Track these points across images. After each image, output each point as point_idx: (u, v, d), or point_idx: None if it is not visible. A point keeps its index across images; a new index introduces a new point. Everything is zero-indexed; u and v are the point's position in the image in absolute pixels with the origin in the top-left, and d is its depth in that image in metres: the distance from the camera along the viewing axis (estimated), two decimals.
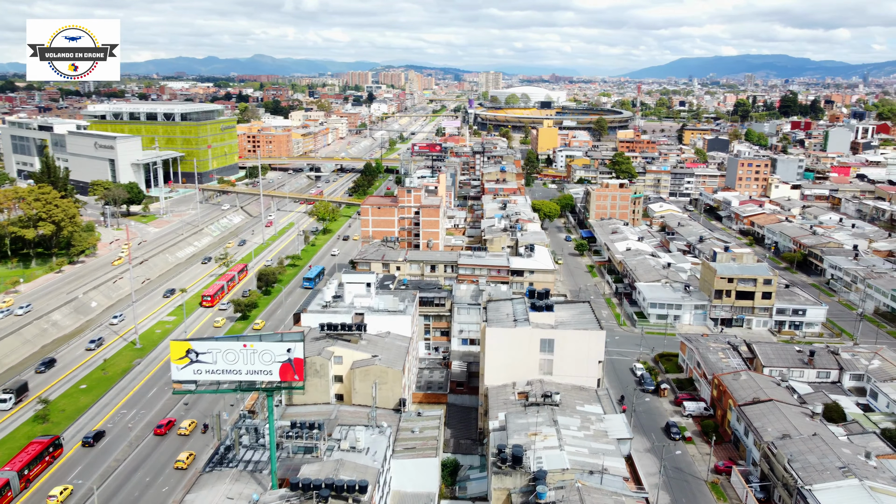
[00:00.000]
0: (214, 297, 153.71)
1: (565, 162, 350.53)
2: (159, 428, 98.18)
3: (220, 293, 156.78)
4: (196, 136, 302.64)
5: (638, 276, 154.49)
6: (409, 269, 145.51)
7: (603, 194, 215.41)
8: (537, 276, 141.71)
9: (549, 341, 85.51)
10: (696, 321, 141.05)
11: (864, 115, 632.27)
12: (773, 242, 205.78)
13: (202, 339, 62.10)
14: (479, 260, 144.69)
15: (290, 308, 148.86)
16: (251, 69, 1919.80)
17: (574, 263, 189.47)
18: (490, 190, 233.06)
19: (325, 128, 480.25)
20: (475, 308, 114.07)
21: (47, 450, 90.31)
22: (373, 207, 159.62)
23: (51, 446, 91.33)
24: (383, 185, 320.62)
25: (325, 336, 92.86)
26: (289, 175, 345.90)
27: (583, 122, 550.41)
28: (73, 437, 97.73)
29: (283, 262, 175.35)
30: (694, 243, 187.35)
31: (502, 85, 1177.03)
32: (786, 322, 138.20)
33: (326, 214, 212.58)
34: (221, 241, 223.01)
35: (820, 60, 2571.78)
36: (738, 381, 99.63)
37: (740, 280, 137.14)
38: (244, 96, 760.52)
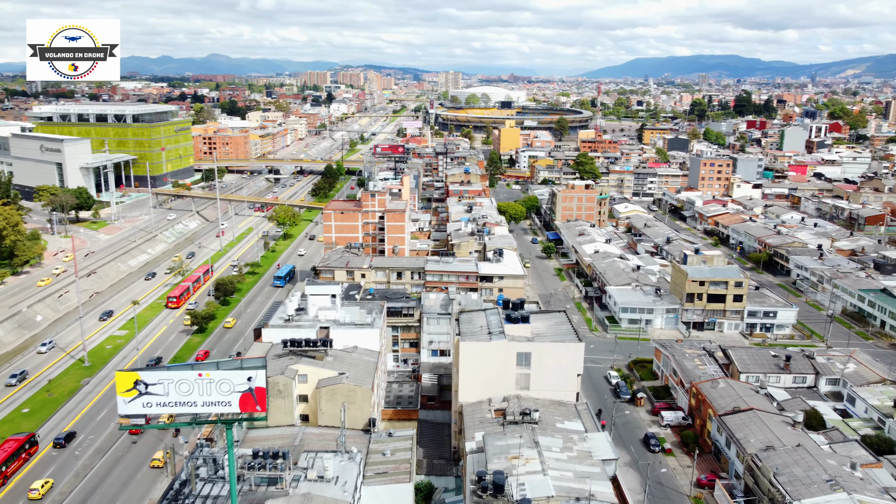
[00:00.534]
0: (180, 298, 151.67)
1: (528, 162, 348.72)
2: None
3: (186, 294, 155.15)
4: (149, 138, 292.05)
5: (608, 279, 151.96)
6: (375, 277, 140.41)
7: (569, 196, 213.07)
8: (507, 282, 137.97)
9: (526, 355, 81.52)
10: (668, 325, 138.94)
11: (815, 114, 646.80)
12: (738, 242, 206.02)
13: (151, 368, 56.18)
14: (447, 266, 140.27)
15: (251, 318, 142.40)
16: (206, 69, 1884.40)
17: (542, 267, 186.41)
18: (455, 192, 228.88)
19: (283, 129, 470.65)
20: (445, 318, 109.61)
21: (23, 447, 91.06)
22: (335, 212, 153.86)
23: (27, 443, 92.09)
24: (345, 186, 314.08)
25: (289, 353, 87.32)
26: (247, 178, 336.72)
27: (544, 122, 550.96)
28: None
29: (242, 269, 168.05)
30: (661, 245, 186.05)
31: (462, 85, 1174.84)
32: (757, 324, 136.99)
33: (287, 219, 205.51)
34: (177, 247, 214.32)
35: (770, 61, 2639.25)
36: (716, 390, 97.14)
37: (711, 283, 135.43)
38: (199, 97, 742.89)
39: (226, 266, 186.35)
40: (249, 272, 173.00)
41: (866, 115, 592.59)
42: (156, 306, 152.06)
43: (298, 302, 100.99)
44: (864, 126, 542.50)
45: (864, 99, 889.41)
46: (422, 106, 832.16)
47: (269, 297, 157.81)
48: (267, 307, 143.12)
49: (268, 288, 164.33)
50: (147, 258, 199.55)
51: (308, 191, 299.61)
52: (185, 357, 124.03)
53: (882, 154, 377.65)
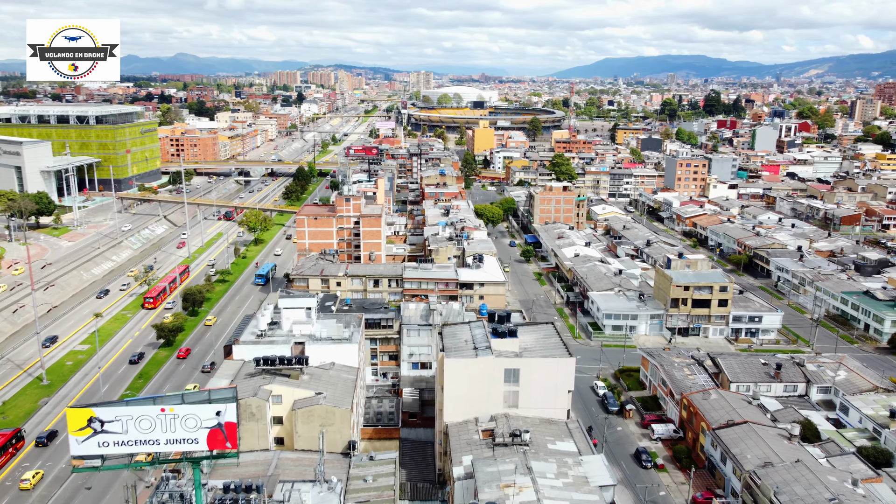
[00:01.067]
0: (157, 298, 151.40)
1: (503, 163, 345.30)
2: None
3: (163, 294, 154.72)
4: (113, 140, 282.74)
5: (590, 284, 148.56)
6: (351, 285, 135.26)
7: (547, 198, 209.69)
8: (488, 289, 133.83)
9: (515, 371, 77.24)
10: (653, 331, 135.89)
11: (783, 113, 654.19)
12: (717, 244, 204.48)
13: (108, 404, 50.57)
14: (426, 273, 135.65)
15: (221, 329, 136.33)
16: (174, 68, 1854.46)
17: (521, 271, 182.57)
18: (430, 195, 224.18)
19: (253, 129, 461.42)
20: (426, 329, 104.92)
21: (10, 441, 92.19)
22: (309, 218, 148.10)
23: (13, 438, 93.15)
24: (318, 189, 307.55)
25: (262, 372, 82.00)
26: (215, 180, 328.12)
27: (517, 121, 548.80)
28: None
29: (211, 277, 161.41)
30: (641, 247, 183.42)
31: (433, 85, 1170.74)
32: (742, 329, 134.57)
33: (257, 224, 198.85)
34: (143, 254, 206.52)
35: (736, 61, 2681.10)
36: (708, 401, 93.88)
37: (696, 288, 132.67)
38: (166, 97, 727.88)
39: (202, 266, 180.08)
40: (219, 280, 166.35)
41: (833, 114, 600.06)
42: (120, 318, 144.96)
43: (271, 315, 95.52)
44: (831, 125, 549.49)
45: (828, 98, 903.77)
46: (394, 106, 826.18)
47: (241, 305, 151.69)
48: (238, 318, 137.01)
49: (238, 297, 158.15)
50: (112, 266, 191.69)
51: (280, 193, 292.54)
52: (151, 373, 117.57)
53: (852, 153, 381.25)
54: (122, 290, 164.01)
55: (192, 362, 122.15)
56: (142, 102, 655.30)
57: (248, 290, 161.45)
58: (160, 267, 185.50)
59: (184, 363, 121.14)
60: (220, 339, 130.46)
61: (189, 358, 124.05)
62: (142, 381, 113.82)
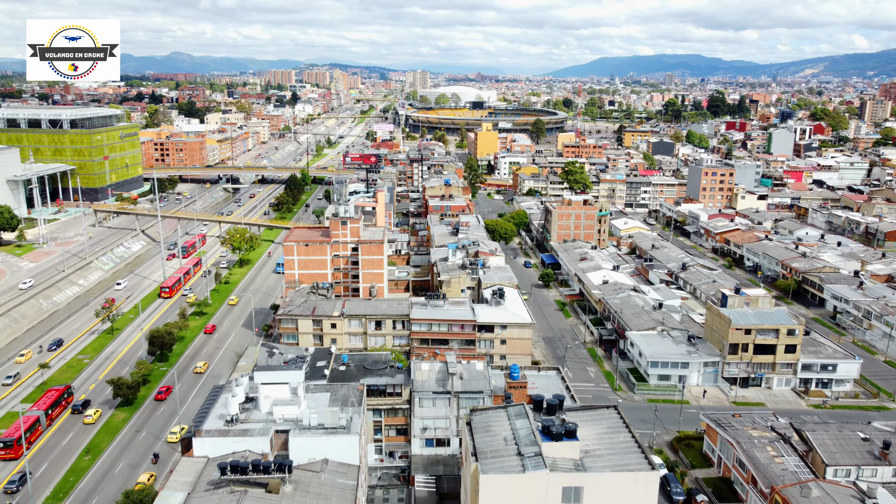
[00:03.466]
0: (173, 288, 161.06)
1: (510, 169, 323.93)
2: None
3: (178, 285, 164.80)
4: (89, 145, 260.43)
5: (626, 320, 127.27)
6: (349, 327, 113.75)
7: (565, 213, 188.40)
8: (512, 332, 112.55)
9: (576, 490, 55.97)
10: (707, 381, 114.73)
11: (791, 114, 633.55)
12: (754, 265, 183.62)
13: None
14: (437, 312, 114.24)
15: (191, 384, 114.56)
16: (168, 67, 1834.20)
17: (541, 298, 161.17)
18: (435, 208, 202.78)
19: (244, 132, 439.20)
20: (442, 398, 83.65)
21: (63, 396, 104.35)
22: (298, 245, 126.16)
23: (66, 393, 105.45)
24: (311, 197, 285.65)
25: (229, 483, 60.53)
26: (202, 188, 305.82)
27: (519, 123, 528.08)
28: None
29: (186, 311, 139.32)
30: (676, 271, 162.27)
31: (429, 84, 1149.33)
32: (812, 380, 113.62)
33: (242, 243, 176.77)
34: (115, 275, 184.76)
35: (731, 60, 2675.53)
36: (809, 500, 72.76)
37: (759, 331, 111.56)
38: (157, 97, 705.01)
39: (172, 301, 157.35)
40: (196, 313, 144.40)
41: (844, 115, 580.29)
42: (74, 365, 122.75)
43: (246, 389, 73.78)
44: (845, 127, 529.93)
45: (831, 98, 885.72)
46: (390, 106, 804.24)
47: (221, 345, 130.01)
48: (204, 394, 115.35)
49: (218, 334, 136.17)
50: (78, 291, 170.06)
51: (270, 203, 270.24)
52: (101, 446, 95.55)
53: (877, 158, 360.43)
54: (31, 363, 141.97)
55: (156, 428, 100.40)
56: (131, 102, 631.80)
57: (229, 327, 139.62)
58: (130, 295, 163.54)
59: (142, 435, 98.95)
60: (193, 394, 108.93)
61: (153, 420, 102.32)
62: (88, 459, 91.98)
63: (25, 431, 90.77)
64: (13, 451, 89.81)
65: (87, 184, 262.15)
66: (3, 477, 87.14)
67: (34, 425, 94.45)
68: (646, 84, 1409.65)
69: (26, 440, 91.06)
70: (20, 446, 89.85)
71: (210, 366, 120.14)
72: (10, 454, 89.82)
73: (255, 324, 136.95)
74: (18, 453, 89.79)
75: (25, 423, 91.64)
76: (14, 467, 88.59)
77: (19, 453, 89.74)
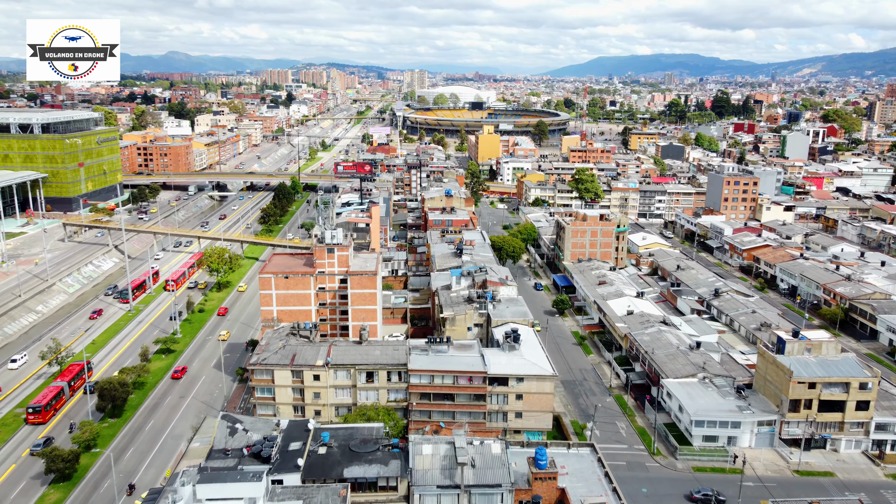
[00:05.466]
0: (178, 281, 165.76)
1: (513, 175, 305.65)
2: None
3: (183, 278, 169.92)
4: (62, 151, 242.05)
5: (660, 364, 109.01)
6: (335, 379, 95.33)
7: (580, 229, 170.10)
8: (529, 386, 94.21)
9: None
10: (761, 443, 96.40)
11: (799, 116, 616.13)
12: (789, 287, 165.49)
13: None
14: (441, 360, 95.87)
15: (151, 440, 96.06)
16: (165, 67, 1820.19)
17: (554, 328, 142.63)
18: (435, 223, 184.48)
19: (235, 135, 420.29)
20: (450, 494, 65.36)
21: (83, 370, 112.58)
22: (277, 276, 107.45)
23: (86, 367, 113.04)
24: (301, 208, 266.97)
25: None
26: (186, 196, 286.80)
27: (520, 125, 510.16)
28: None
29: (148, 351, 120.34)
30: (708, 298, 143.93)
31: (427, 84, 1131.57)
32: (888, 441, 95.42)
33: (221, 264, 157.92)
34: (81, 299, 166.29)
35: (728, 60, 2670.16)
36: None
37: (825, 385, 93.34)
38: (150, 97, 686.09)
39: (135, 336, 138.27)
40: (161, 350, 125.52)
41: (857, 117, 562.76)
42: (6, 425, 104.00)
43: (191, 497, 55.30)
44: (858, 129, 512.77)
45: (835, 99, 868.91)
46: (388, 106, 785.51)
47: (188, 392, 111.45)
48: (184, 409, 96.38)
49: (186, 379, 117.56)
50: (35, 319, 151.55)
51: (260, 211, 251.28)
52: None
53: None
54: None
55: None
56: (121, 103, 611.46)
57: (200, 368, 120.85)
58: (90, 327, 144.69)
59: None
60: (146, 462, 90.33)
61: (95, 500, 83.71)
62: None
63: (52, 400, 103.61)
64: (41, 416, 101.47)
65: (60, 193, 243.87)
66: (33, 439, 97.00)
67: (59, 395, 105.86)
68: (645, 84, 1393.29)
69: (52, 407, 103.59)
70: (48, 412, 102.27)
71: (171, 423, 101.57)
72: (39, 419, 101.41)
73: (224, 367, 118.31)
74: (46, 418, 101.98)
75: (52, 393, 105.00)
76: (42, 431, 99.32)
77: (47, 418, 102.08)
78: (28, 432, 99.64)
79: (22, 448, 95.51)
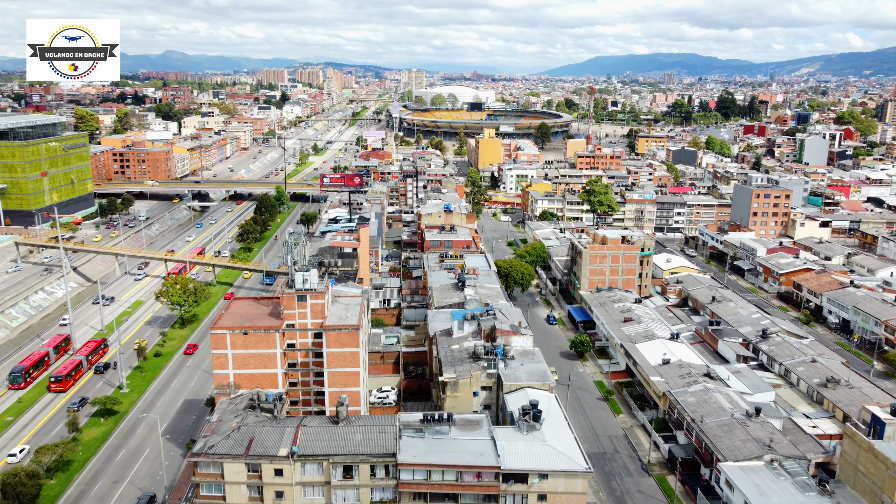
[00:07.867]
0: (67, 378, 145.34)
1: (517, 183, 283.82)
2: None
3: (77, 372, 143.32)
4: (23, 159, 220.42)
5: (713, 438, 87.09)
6: (303, 475, 73.36)
7: (599, 254, 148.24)
8: (556, 484, 72.34)
9: None
10: None
11: (808, 117, 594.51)
12: (840, 321, 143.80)
13: None
14: (440, 449, 73.91)
15: None
16: (162, 66, 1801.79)
17: (574, 376, 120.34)
18: (433, 244, 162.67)
19: (222, 138, 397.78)
20: None
21: (100, 346, 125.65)
22: (233, 333, 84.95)
23: (102, 344, 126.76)
24: (287, 219, 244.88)
25: None
26: (164, 206, 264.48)
27: (521, 126, 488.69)
28: None
29: (77, 421, 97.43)
30: (754, 341, 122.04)
31: (425, 83, 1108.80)
32: None
33: (183, 298, 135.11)
34: (25, 334, 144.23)
35: (726, 59, 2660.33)
36: None
37: None
38: (141, 97, 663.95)
39: (67, 397, 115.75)
40: (100, 412, 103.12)
41: (873, 120, 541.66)
42: None
43: None
44: (874, 132, 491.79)
45: (840, 99, 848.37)
46: (384, 107, 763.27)
47: (120, 478, 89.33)
48: None
49: (119, 460, 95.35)
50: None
51: (239, 226, 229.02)
52: None
53: None
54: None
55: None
56: (109, 104, 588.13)
57: (145, 437, 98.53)
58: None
59: None
60: None
61: None
62: None
63: (72, 370, 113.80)
64: (63, 385, 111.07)
65: (21, 205, 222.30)
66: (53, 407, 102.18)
67: (78, 367, 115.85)
68: (644, 83, 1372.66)
69: (72, 377, 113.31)
70: (68, 381, 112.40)
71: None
72: (60, 387, 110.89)
73: (175, 435, 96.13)
74: (67, 386, 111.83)
75: (72, 364, 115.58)
76: (62, 398, 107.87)
77: (67, 386, 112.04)
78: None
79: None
